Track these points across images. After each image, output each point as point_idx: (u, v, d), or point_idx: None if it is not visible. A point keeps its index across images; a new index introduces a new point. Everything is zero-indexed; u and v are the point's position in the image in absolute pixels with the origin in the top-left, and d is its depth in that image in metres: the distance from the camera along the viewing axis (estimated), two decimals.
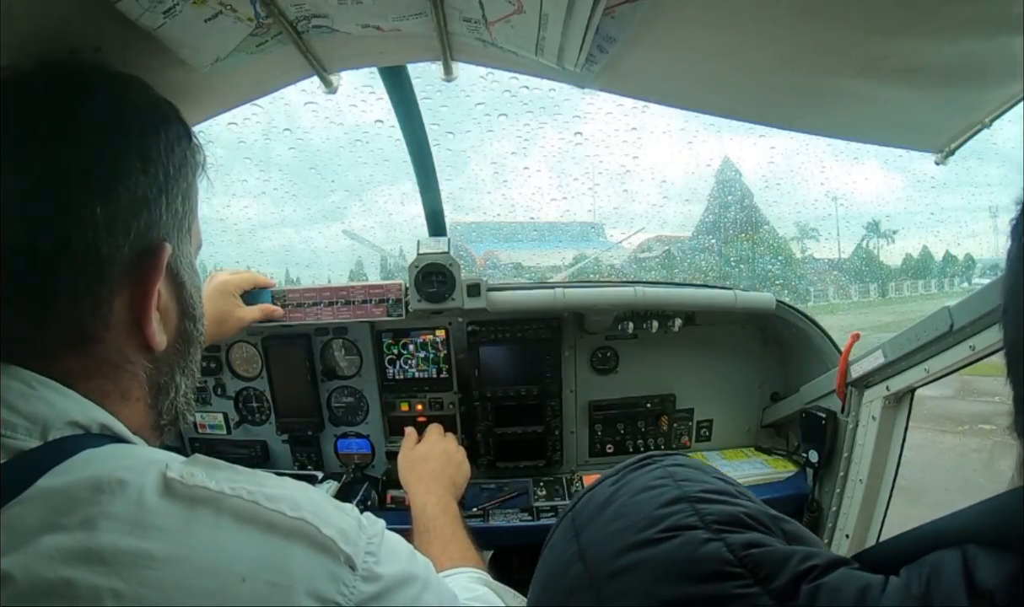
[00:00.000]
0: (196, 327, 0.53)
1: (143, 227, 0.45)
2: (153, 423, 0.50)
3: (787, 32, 0.60)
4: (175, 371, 0.51)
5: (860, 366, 1.07)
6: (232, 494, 0.39)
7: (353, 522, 0.44)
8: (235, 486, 0.39)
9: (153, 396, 0.49)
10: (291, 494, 0.42)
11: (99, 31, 0.53)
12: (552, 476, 1.38)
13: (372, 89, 1.18)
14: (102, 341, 0.44)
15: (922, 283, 10.55)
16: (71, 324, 0.42)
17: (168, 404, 0.51)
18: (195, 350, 0.54)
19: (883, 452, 1.08)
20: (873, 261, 9.92)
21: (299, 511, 0.40)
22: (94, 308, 0.43)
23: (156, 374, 0.49)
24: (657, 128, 1.78)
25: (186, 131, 0.52)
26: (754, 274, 4.78)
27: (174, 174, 0.48)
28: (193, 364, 0.54)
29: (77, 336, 0.43)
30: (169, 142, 0.48)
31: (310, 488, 0.45)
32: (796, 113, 0.84)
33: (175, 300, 0.50)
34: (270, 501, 0.40)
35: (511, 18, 0.61)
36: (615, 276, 2.75)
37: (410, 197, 1.41)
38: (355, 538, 0.42)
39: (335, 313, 1.28)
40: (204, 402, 1.46)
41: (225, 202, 2.07)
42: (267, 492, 0.40)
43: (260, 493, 0.40)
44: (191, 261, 0.52)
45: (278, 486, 0.42)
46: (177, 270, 0.49)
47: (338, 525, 0.42)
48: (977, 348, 0.81)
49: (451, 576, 0.76)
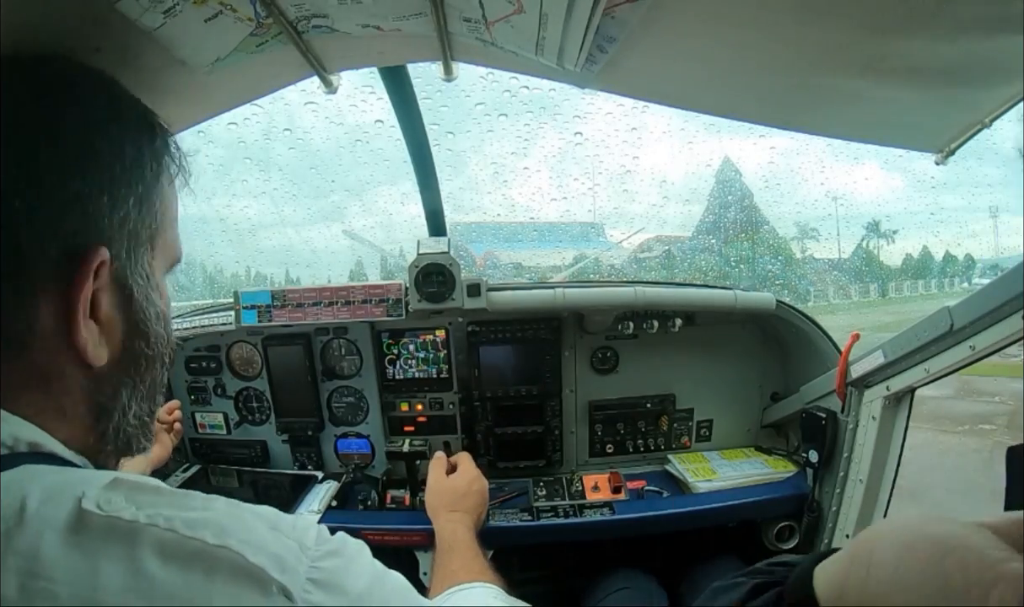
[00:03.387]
0: (149, 346, 0.48)
1: (74, 227, 0.41)
2: (98, 448, 0.46)
3: (787, 32, 0.60)
4: (120, 392, 0.46)
5: (860, 366, 1.07)
6: (148, 523, 0.35)
7: (292, 546, 0.39)
8: (152, 513, 0.35)
9: (94, 417, 0.45)
10: (216, 518, 0.37)
11: (99, 31, 0.53)
12: (552, 476, 1.38)
13: (372, 89, 1.18)
14: (30, 348, 0.40)
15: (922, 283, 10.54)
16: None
17: (112, 428, 0.46)
18: (149, 372, 0.49)
19: (883, 452, 1.08)
20: (873, 261, 9.91)
21: (223, 538, 0.36)
22: (16, 309, 0.39)
23: (96, 392, 0.44)
24: (657, 128, 1.78)
25: (150, 132, 0.48)
26: (754, 274, 4.78)
27: (122, 175, 0.44)
28: (144, 387, 0.49)
29: (1, 340, 0.39)
30: (119, 139, 0.44)
31: (247, 507, 0.40)
32: (796, 113, 0.84)
33: (121, 314, 0.45)
34: (190, 528, 0.36)
35: (511, 18, 0.61)
36: (615, 276, 2.75)
37: (410, 197, 1.42)
38: (293, 564, 0.38)
39: (335, 313, 1.28)
40: (204, 402, 1.46)
41: (225, 202, 2.07)
42: (188, 517, 0.36)
43: (179, 519, 0.36)
44: (150, 274, 0.47)
45: (203, 508, 0.38)
46: (124, 281, 0.45)
47: (272, 551, 0.37)
48: (977, 348, 0.81)
49: (469, 589, 0.77)
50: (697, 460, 1.38)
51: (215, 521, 0.37)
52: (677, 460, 1.37)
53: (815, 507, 1.23)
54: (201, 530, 0.36)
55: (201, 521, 0.36)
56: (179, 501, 0.38)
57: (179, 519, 0.36)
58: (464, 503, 1.07)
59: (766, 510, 1.26)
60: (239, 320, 1.29)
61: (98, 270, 0.42)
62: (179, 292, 2.25)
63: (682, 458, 1.39)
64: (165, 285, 0.52)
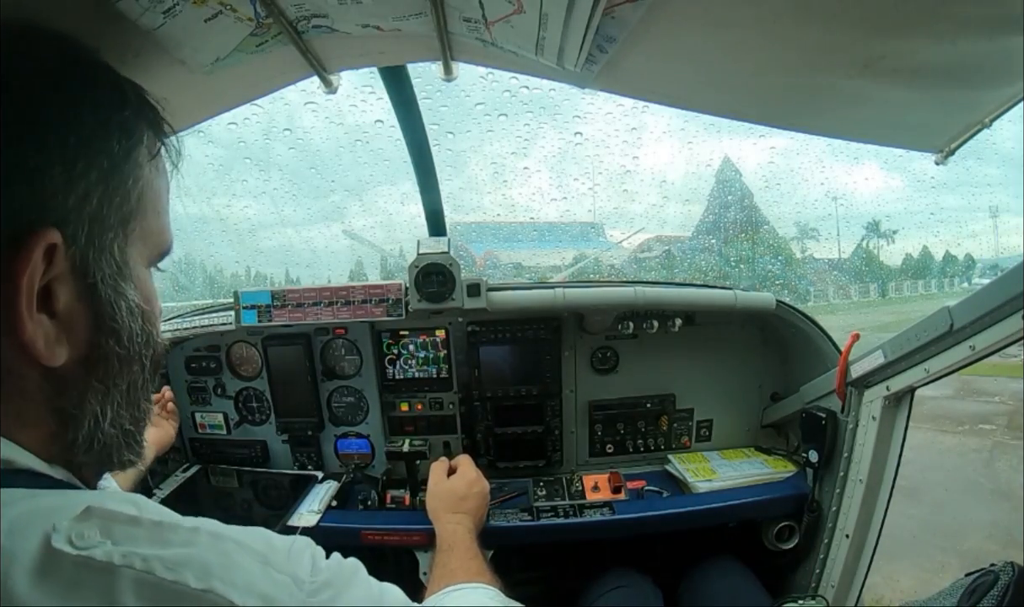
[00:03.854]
0: (121, 345, 0.42)
1: (17, 205, 0.36)
2: (70, 459, 0.41)
3: (787, 32, 0.60)
4: (88, 397, 0.41)
5: (860, 366, 1.07)
6: (123, 564, 0.32)
7: (285, 581, 0.36)
8: (128, 551, 0.32)
9: (58, 423, 0.40)
10: (199, 556, 0.34)
11: (99, 31, 0.53)
12: (552, 476, 1.38)
13: (372, 89, 1.18)
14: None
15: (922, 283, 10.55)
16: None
17: (83, 437, 0.41)
18: (124, 374, 0.43)
19: (883, 452, 1.08)
20: (873, 261, 9.92)
21: (207, 580, 0.33)
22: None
23: (58, 397, 0.39)
24: (657, 128, 1.78)
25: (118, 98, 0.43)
26: (754, 274, 4.78)
27: (80, 146, 0.38)
28: (121, 392, 0.43)
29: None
30: (76, 103, 0.39)
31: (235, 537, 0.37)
32: (796, 113, 0.84)
33: (85, 307, 0.40)
34: (170, 569, 0.32)
35: (511, 18, 0.61)
36: (615, 276, 2.75)
37: (410, 197, 1.41)
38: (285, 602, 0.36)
39: (335, 313, 1.28)
40: (204, 402, 1.46)
41: (225, 202, 2.07)
42: (167, 556, 0.33)
43: (157, 560, 0.32)
44: (121, 264, 0.42)
45: (184, 543, 0.35)
46: (86, 269, 0.39)
47: (262, 590, 0.35)
48: (977, 348, 0.81)
49: (465, 589, 0.77)
50: (697, 460, 1.38)
51: (198, 560, 0.34)
52: (677, 460, 1.37)
53: (815, 507, 1.23)
54: (183, 571, 0.33)
55: (183, 560, 0.33)
56: (158, 535, 0.35)
57: (157, 559, 0.33)
58: (464, 505, 1.08)
59: (766, 510, 1.26)
60: (239, 320, 1.29)
61: (51, 256, 0.36)
62: (179, 292, 2.25)
63: (682, 458, 1.39)
64: (147, 277, 0.46)
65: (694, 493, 1.27)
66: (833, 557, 1.19)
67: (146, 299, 0.45)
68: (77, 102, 0.39)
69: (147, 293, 0.45)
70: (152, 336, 0.46)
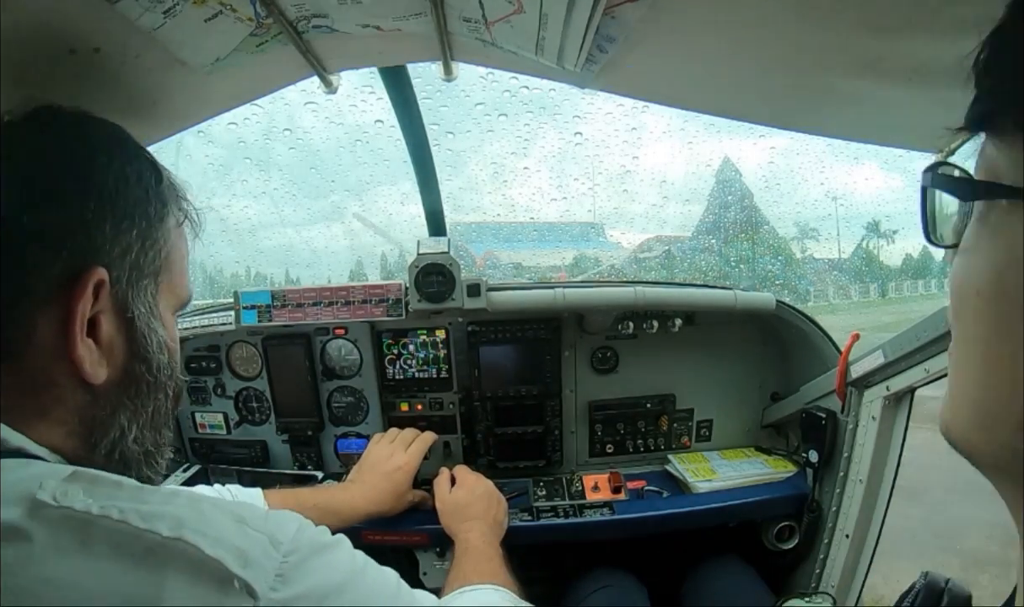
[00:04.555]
0: (150, 372, 0.50)
1: (77, 248, 0.44)
2: (85, 455, 0.46)
3: (787, 32, 0.60)
4: (119, 412, 0.48)
5: (860, 366, 1.07)
6: (101, 514, 0.34)
7: (260, 539, 0.38)
8: (107, 505, 0.35)
9: (86, 427, 0.46)
10: (174, 510, 0.36)
11: (99, 31, 0.53)
12: (552, 476, 1.38)
13: (372, 89, 1.18)
14: (23, 355, 0.42)
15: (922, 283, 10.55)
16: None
17: (107, 442, 0.47)
18: (151, 398, 0.50)
19: (883, 452, 1.08)
20: (873, 261, 9.90)
21: (178, 529, 0.35)
22: (16, 320, 0.42)
23: (93, 406, 0.46)
24: (657, 128, 1.78)
25: (155, 176, 0.52)
26: (754, 274, 4.78)
27: (126, 209, 0.47)
28: (147, 413, 0.50)
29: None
30: (124, 177, 0.48)
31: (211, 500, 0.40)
32: (796, 113, 0.84)
33: (123, 337, 0.48)
34: (145, 519, 0.35)
35: (511, 18, 0.61)
36: (615, 276, 2.75)
37: (410, 197, 1.42)
38: (259, 559, 0.37)
39: (335, 313, 1.28)
40: (204, 402, 1.46)
41: (225, 202, 2.07)
42: (144, 509, 0.36)
43: (134, 511, 0.35)
44: (153, 306, 0.50)
45: (162, 501, 0.37)
46: (125, 306, 0.47)
47: (234, 544, 0.36)
48: None
49: (476, 590, 0.78)
50: (697, 460, 1.38)
51: (172, 513, 0.36)
52: (677, 460, 1.37)
53: (815, 507, 1.23)
54: (156, 522, 0.35)
55: (158, 513, 0.36)
56: (139, 494, 0.38)
57: (134, 511, 0.35)
58: (471, 511, 1.08)
59: (766, 510, 1.26)
60: (239, 320, 1.29)
61: (98, 292, 0.44)
62: None
63: (682, 458, 1.39)
64: (172, 323, 0.55)
65: (694, 493, 1.27)
66: (833, 557, 1.19)
67: (172, 338, 0.53)
68: (125, 177, 0.48)
69: (172, 334, 0.54)
70: (175, 371, 0.54)
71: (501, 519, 1.11)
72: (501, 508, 1.13)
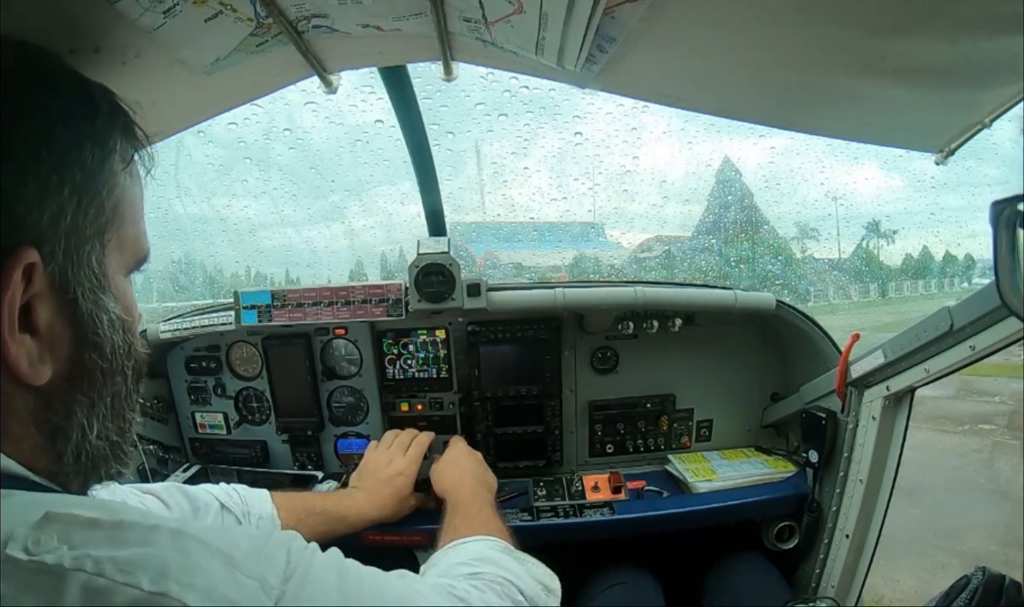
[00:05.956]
0: (103, 358, 0.42)
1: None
2: (58, 470, 0.41)
3: (787, 32, 0.60)
4: (74, 410, 0.41)
5: (860, 366, 1.07)
6: (74, 567, 0.30)
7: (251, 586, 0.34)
8: (80, 554, 0.30)
9: (47, 437, 0.40)
10: (157, 555, 0.32)
11: (99, 31, 0.53)
12: (552, 476, 1.38)
13: (372, 89, 1.18)
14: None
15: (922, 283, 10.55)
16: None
17: (72, 449, 0.41)
18: (108, 387, 0.43)
19: (883, 452, 1.08)
20: (873, 261, 9.89)
21: (162, 581, 0.31)
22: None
23: (46, 411, 0.39)
24: (657, 128, 1.78)
25: (89, 109, 0.42)
26: (754, 274, 4.78)
27: (52, 161, 0.38)
28: (106, 404, 0.43)
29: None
30: (47, 119, 0.38)
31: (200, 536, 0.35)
32: (796, 113, 0.84)
33: (66, 322, 0.39)
34: (123, 570, 0.31)
35: (511, 18, 0.61)
36: (615, 276, 2.75)
37: (410, 197, 1.41)
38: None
39: (335, 313, 1.28)
40: (204, 402, 1.46)
41: (225, 202, 2.07)
42: (121, 556, 0.31)
43: (110, 560, 0.31)
44: (101, 276, 0.41)
45: (141, 542, 0.33)
46: (66, 283, 0.39)
47: (223, 594, 0.32)
48: (977, 348, 0.81)
49: (467, 543, 0.77)
50: (697, 460, 1.38)
51: (155, 559, 0.32)
52: (677, 460, 1.37)
53: (815, 507, 1.23)
54: (136, 573, 0.31)
55: (137, 560, 0.31)
56: (117, 536, 0.33)
57: (109, 561, 0.31)
58: (459, 468, 1.11)
59: (766, 510, 1.26)
60: (239, 320, 1.29)
61: (29, 275, 0.36)
62: (179, 292, 2.25)
63: (682, 458, 1.39)
64: (127, 286, 0.46)
65: (694, 493, 1.27)
66: (833, 557, 1.19)
67: (126, 309, 0.45)
68: (47, 115, 0.38)
69: (127, 303, 0.45)
70: (133, 346, 0.46)
71: (490, 482, 1.13)
72: (488, 474, 1.16)
